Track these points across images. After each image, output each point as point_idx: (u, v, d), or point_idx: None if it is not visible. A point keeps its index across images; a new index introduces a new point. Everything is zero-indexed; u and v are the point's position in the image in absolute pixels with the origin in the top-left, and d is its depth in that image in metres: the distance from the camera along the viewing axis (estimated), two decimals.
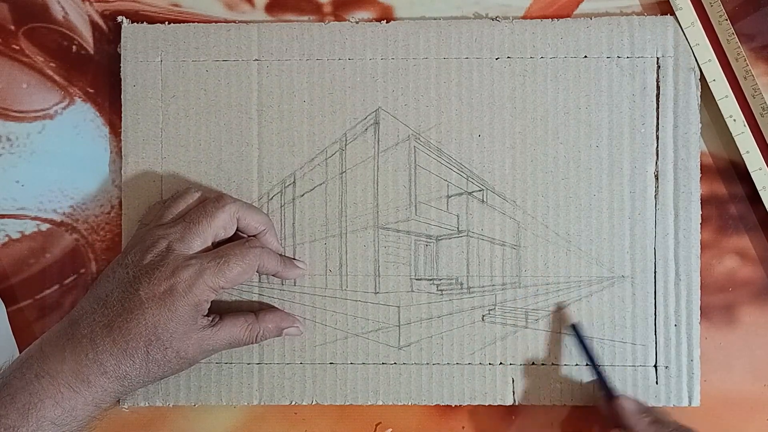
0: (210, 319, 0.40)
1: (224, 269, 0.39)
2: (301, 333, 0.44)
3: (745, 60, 0.43)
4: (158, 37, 0.45)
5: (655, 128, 0.45)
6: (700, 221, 0.44)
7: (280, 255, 0.44)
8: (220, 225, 0.41)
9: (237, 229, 0.42)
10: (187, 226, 0.40)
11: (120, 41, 0.45)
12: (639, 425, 0.40)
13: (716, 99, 0.44)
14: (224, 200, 0.41)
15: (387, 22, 0.45)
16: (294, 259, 0.45)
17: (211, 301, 0.40)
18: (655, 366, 0.44)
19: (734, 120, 0.44)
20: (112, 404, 0.39)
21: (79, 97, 0.46)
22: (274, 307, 0.45)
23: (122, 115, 0.45)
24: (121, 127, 0.45)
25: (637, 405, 0.42)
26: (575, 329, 0.44)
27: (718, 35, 0.44)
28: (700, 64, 0.44)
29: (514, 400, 0.44)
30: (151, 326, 0.38)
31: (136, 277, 0.39)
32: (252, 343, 0.42)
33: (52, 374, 0.37)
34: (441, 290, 0.45)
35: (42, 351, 0.38)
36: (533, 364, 0.44)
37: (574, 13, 0.46)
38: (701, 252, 0.44)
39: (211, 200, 0.42)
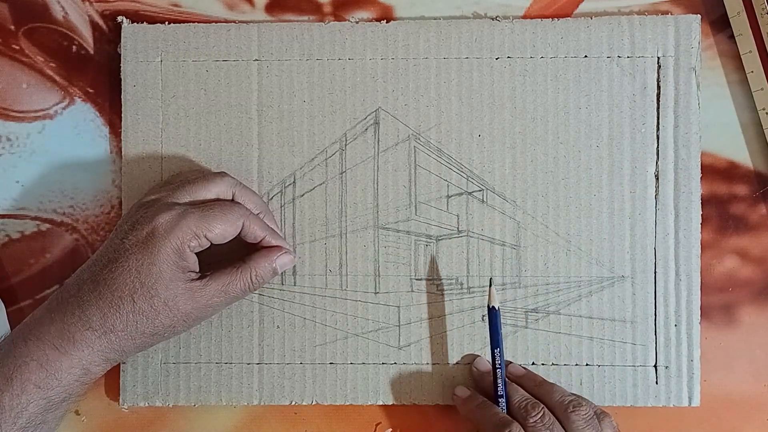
0: (199, 274, 0.39)
1: (208, 216, 0.38)
2: (295, 260, 0.42)
3: None
4: (158, 37, 0.45)
5: (655, 128, 0.45)
6: (700, 221, 0.44)
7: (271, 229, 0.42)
8: (215, 192, 0.40)
9: None
10: (181, 185, 0.40)
11: (120, 41, 0.45)
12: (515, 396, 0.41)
13: (752, 91, 0.44)
14: (224, 173, 0.42)
15: (387, 22, 0.45)
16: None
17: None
18: (655, 366, 0.44)
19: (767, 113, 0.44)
20: (99, 371, 0.38)
21: (79, 97, 0.46)
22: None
23: (122, 115, 0.45)
24: (121, 127, 0.45)
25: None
26: (492, 312, 0.42)
27: (760, 26, 0.43)
28: (741, 54, 0.44)
29: None
30: (134, 272, 0.37)
31: (123, 231, 0.38)
32: (250, 289, 0.40)
33: (39, 336, 0.37)
34: (441, 290, 0.45)
35: (32, 317, 0.38)
36: (533, 364, 0.44)
37: (574, 12, 0.46)
38: (701, 252, 0.44)
39: (211, 171, 0.42)
